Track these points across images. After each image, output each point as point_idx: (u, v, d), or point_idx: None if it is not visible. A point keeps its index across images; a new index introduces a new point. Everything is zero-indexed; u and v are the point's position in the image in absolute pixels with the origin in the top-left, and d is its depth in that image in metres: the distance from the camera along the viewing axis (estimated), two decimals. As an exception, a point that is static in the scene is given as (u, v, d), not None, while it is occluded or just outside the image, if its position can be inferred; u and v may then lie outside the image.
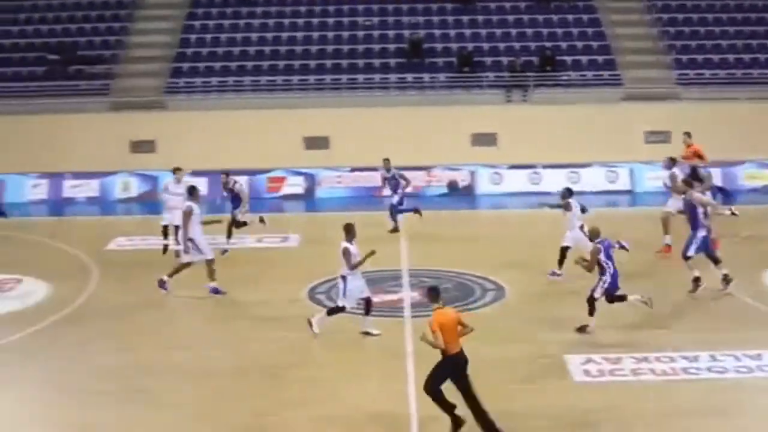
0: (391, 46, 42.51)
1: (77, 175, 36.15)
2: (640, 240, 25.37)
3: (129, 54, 43.08)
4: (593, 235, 21.24)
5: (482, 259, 22.29)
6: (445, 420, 15.89)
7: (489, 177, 38.00)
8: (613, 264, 20.85)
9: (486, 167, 37.92)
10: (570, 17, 43.70)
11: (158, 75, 41.73)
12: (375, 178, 35.93)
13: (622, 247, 21.45)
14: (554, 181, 36.26)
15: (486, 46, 42.48)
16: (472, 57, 41.13)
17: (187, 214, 23.63)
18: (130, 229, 30.73)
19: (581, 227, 24.53)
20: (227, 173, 28.64)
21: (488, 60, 41.76)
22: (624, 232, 23.98)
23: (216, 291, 23.99)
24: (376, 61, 41.75)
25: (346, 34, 43.27)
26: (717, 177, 34.43)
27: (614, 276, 20.89)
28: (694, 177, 27.06)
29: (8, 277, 26.06)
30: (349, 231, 21.15)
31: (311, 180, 36.67)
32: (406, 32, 42.91)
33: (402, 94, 40.26)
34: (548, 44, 42.09)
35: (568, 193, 25.52)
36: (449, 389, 15.82)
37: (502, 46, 42.44)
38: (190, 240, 23.69)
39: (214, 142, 38.16)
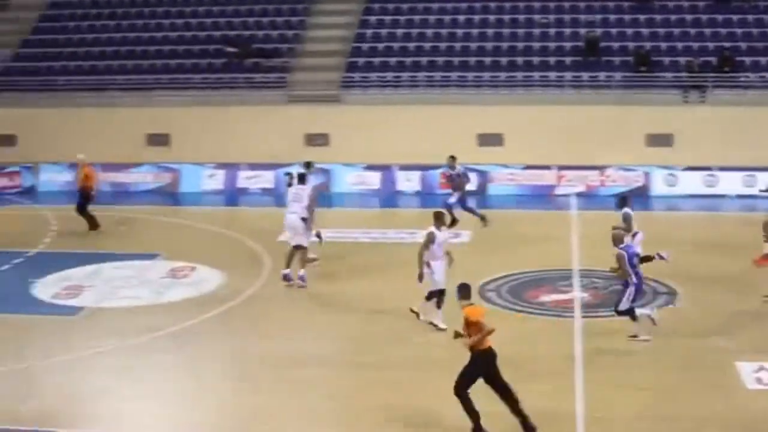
0: (567, 44, 42.08)
1: (252, 167, 36.72)
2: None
3: (306, 48, 43.62)
4: (617, 241, 20.47)
5: (655, 262, 21.87)
6: (614, 422, 15.68)
7: (663, 178, 37.28)
8: (637, 273, 20.11)
9: (661, 168, 37.23)
10: (750, 17, 42.55)
11: (334, 69, 42.15)
12: (548, 177, 35.71)
13: (662, 258, 20.64)
14: (730, 184, 35.42)
15: (663, 45, 41.69)
16: (649, 56, 40.43)
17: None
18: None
19: None
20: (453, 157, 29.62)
21: (665, 60, 40.98)
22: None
23: (300, 279, 24.55)
24: (552, 59, 41.38)
25: (521, 31, 42.99)
26: None
27: (638, 286, 20.20)
28: None
29: (183, 265, 26.66)
30: (438, 218, 21.59)
31: (484, 177, 36.53)
32: (583, 30, 42.42)
33: (577, 93, 39.82)
34: (727, 44, 41.08)
35: None
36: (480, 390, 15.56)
37: (679, 45, 41.60)
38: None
39: (387, 136, 38.36)
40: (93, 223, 30.31)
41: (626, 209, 24.10)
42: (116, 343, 20.90)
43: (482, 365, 15.91)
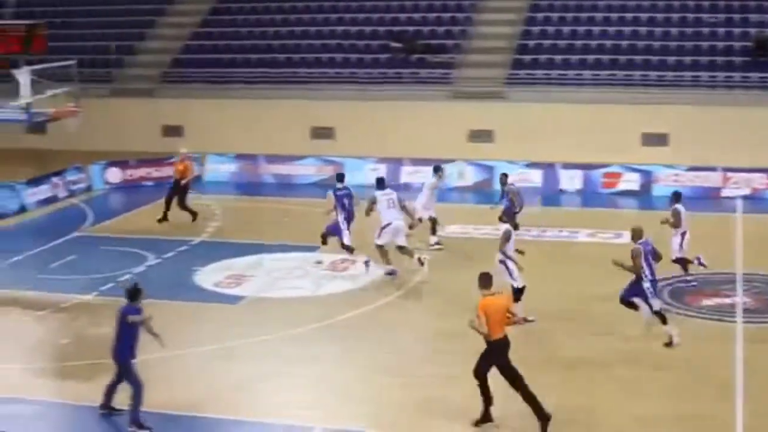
0: (736, 44, 41.17)
1: (415, 162, 36.85)
2: None
3: (471, 44, 43.62)
4: (635, 235, 20.37)
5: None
6: None
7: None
8: (651, 270, 20.03)
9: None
10: None
11: (499, 66, 42.04)
12: (713, 178, 35.00)
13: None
14: None
15: (838, 45, 40.55)
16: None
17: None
18: (463, 218, 31.08)
19: None
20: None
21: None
22: None
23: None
24: (720, 59, 40.54)
25: (690, 30, 42.21)
26: None
27: (654, 283, 20.07)
28: None
29: (344, 258, 26.91)
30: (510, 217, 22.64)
31: (647, 177, 35.98)
32: (753, 30, 41.45)
33: (746, 93, 38.94)
34: None
35: None
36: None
37: None
38: None
39: (551, 134, 38.15)
40: (194, 214, 30.87)
41: (677, 205, 24.31)
42: (276, 333, 21.24)
43: (494, 354, 16.39)
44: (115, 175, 36.76)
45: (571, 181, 35.79)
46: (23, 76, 26.95)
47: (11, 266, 26.75)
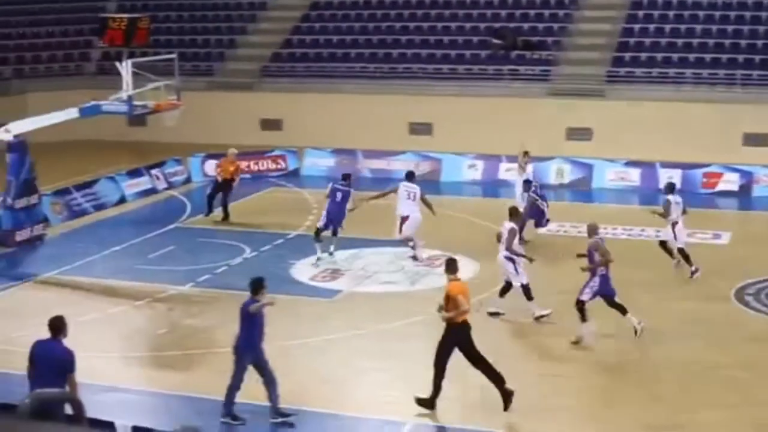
0: None
1: (512, 159, 36.65)
2: None
3: (572, 41, 43.34)
4: (590, 231, 20.62)
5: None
6: None
7: None
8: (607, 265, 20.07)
9: None
10: None
11: (599, 63, 41.73)
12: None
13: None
14: None
15: None
16: None
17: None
18: (560, 215, 30.89)
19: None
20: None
21: None
22: None
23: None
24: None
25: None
26: None
27: (605, 278, 20.08)
28: None
29: (440, 254, 26.89)
30: (513, 214, 22.65)
31: (748, 177, 35.43)
32: None
33: None
34: None
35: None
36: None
37: None
38: None
39: (650, 133, 37.76)
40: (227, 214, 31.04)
41: (668, 196, 24.73)
42: (369, 327, 21.33)
43: (455, 337, 16.87)
44: (213, 167, 37.11)
45: (669, 180, 35.33)
46: (125, 69, 27.32)
47: (110, 256, 27.18)
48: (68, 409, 12.84)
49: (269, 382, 16.88)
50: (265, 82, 44.68)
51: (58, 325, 14.39)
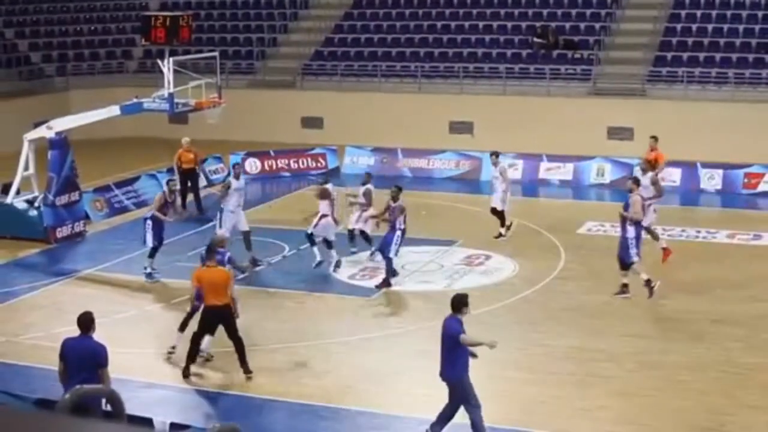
0: None
1: (552, 158, 36.59)
2: None
3: (613, 41, 43.17)
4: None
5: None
6: None
7: None
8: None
9: None
10: None
11: (641, 63, 41.54)
12: None
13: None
14: None
15: None
16: None
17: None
18: (601, 215, 30.78)
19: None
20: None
21: None
22: None
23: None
24: None
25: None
26: None
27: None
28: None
29: (479, 253, 26.88)
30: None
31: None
32: None
33: None
34: None
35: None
36: None
37: None
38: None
39: (692, 133, 37.53)
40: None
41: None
42: (408, 326, 21.33)
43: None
44: (254, 165, 37.22)
45: (710, 180, 35.17)
46: (167, 67, 27.43)
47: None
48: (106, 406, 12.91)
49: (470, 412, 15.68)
50: (307, 80, 44.78)
51: (87, 322, 14.49)
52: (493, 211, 28.14)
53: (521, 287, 23.96)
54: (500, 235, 27.98)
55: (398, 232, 23.95)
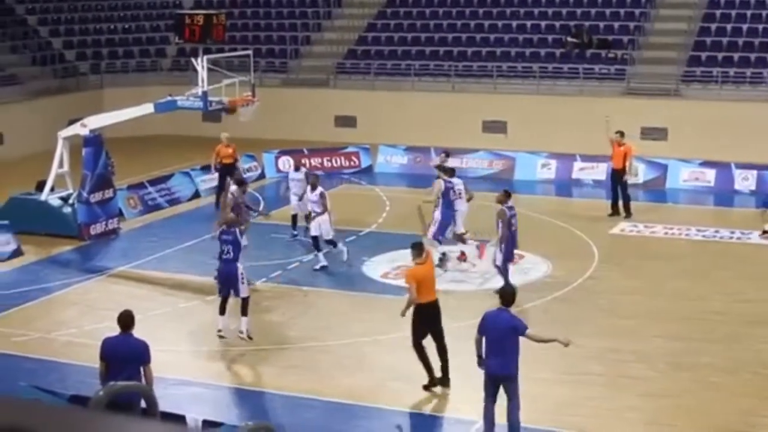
0: None
1: (585, 158, 36.48)
2: None
3: (647, 40, 43.00)
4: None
5: None
6: None
7: None
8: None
9: None
10: None
11: (675, 62, 41.36)
12: None
13: None
14: None
15: None
16: None
17: None
18: (634, 216, 30.65)
19: None
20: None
21: None
22: None
23: None
24: None
25: None
26: None
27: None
28: None
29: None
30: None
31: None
32: None
33: None
34: None
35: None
36: None
37: None
38: None
39: (726, 133, 37.34)
40: None
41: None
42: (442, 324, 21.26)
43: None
44: (287, 164, 37.29)
45: (744, 181, 34.99)
46: (201, 65, 27.52)
47: (183, 251, 27.41)
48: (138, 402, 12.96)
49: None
50: (340, 79, 44.82)
51: (128, 319, 14.49)
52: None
53: (554, 287, 23.89)
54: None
55: (494, 239, 23.11)
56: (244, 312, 20.07)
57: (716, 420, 16.76)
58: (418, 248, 18.26)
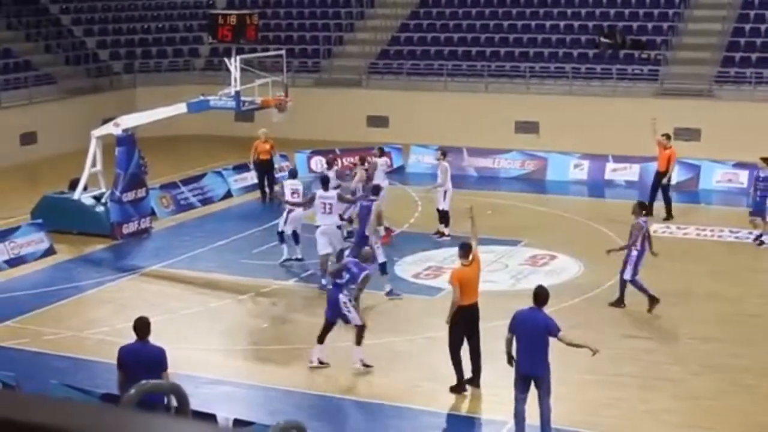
0: None
1: (618, 159, 36.34)
2: None
3: (681, 41, 42.79)
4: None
5: None
6: None
7: None
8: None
9: None
10: None
11: (708, 63, 41.13)
12: None
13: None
14: None
15: None
16: None
17: None
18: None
19: None
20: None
21: None
22: None
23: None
24: None
25: None
26: None
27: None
28: None
29: (544, 253, 26.76)
30: None
31: None
32: None
33: None
34: None
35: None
36: None
37: None
38: None
39: (760, 134, 37.11)
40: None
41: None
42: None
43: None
44: (319, 163, 37.28)
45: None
46: (234, 65, 27.57)
47: (215, 250, 27.46)
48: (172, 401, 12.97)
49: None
50: (372, 79, 44.84)
51: (144, 326, 14.20)
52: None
53: (586, 288, 23.80)
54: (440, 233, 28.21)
55: (634, 253, 22.26)
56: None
57: (751, 422, 16.65)
58: (465, 249, 18.20)
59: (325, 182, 24.54)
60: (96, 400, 15.40)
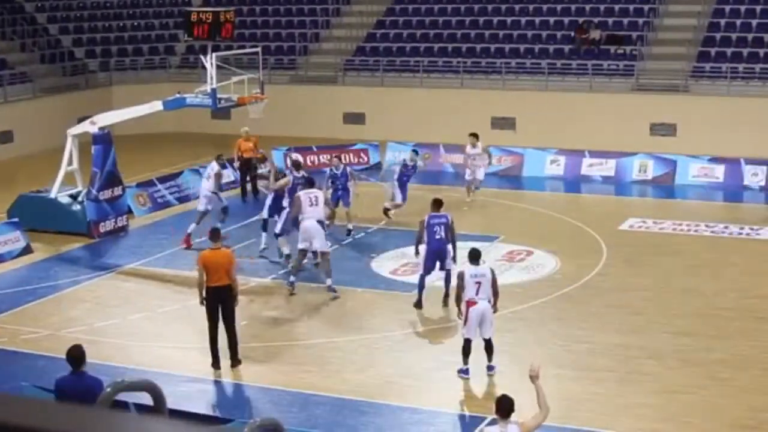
0: None
1: (594, 154, 36.44)
2: None
3: (656, 36, 42.92)
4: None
5: None
6: None
7: None
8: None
9: None
10: None
11: (684, 58, 41.26)
12: None
13: None
14: None
15: None
16: None
17: None
18: (643, 211, 30.66)
19: None
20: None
21: None
22: None
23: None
24: None
25: None
26: None
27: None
28: None
29: (520, 248, 26.81)
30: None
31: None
32: None
33: None
34: None
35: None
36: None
37: None
38: None
39: (735, 129, 37.32)
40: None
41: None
42: (450, 321, 21.26)
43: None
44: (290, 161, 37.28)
45: (754, 177, 34.95)
46: (210, 62, 27.53)
47: (193, 248, 27.39)
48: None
49: None
50: (348, 76, 44.83)
51: (79, 356, 13.17)
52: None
53: (563, 283, 23.87)
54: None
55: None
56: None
57: (726, 416, 16.73)
58: (214, 233, 19.55)
59: (311, 183, 24.60)
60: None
